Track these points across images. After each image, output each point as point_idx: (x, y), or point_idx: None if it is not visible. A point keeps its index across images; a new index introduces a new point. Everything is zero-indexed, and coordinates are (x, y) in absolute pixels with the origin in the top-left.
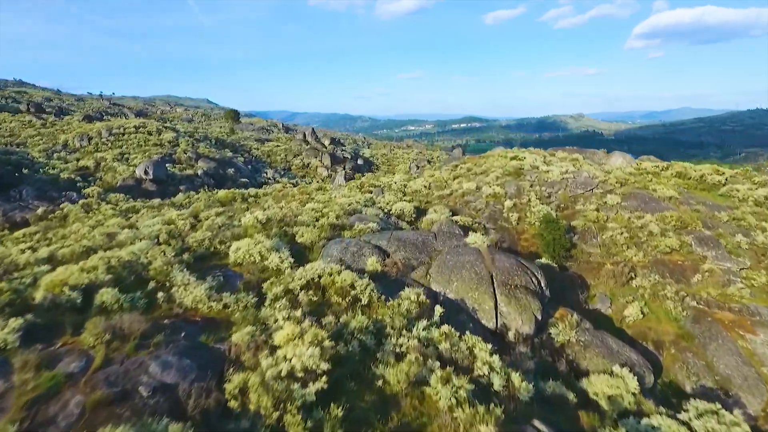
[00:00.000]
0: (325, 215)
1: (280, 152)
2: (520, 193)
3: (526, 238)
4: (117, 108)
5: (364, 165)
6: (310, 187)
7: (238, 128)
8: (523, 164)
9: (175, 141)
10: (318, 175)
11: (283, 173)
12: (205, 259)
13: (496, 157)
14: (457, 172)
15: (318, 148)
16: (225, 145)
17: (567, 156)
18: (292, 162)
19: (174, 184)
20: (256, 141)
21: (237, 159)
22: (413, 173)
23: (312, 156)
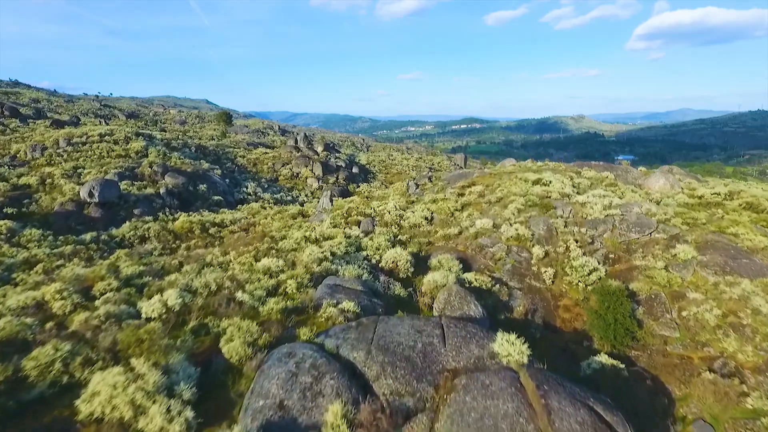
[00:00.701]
0: (284, 284)
1: (268, 160)
2: (553, 236)
3: (567, 305)
4: (108, 110)
5: (359, 174)
6: (289, 211)
7: (233, 130)
8: (549, 191)
9: (144, 151)
10: (307, 186)
11: (268, 186)
12: (38, 413)
13: (514, 179)
14: (466, 198)
15: (309, 155)
16: (206, 154)
17: (596, 175)
18: (280, 172)
19: (127, 207)
20: (248, 145)
21: (214, 171)
22: (412, 193)
23: (302, 165)
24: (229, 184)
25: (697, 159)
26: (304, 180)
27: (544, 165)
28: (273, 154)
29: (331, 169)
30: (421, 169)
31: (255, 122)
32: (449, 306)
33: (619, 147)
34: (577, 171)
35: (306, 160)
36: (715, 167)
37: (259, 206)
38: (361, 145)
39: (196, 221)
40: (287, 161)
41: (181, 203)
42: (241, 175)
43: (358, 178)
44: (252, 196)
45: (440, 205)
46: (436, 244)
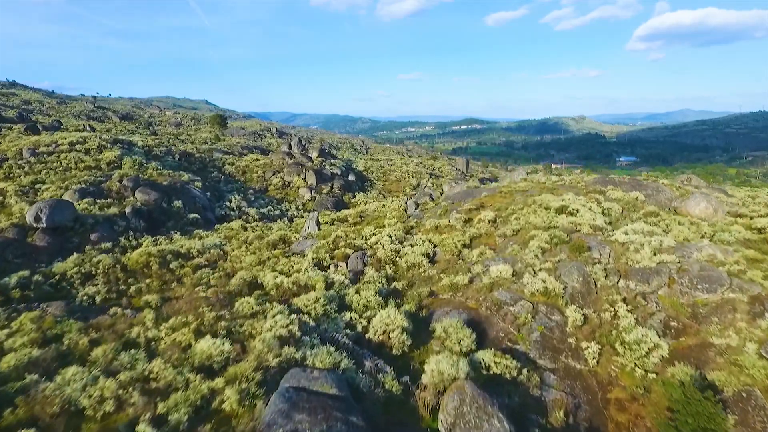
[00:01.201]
0: (221, 393)
1: (258, 168)
2: (591, 291)
3: (620, 399)
4: (101, 111)
5: (355, 182)
6: (270, 237)
7: (229, 132)
8: (578, 222)
9: (118, 162)
10: (299, 197)
11: (256, 198)
12: None
13: (531, 203)
14: (475, 227)
15: (303, 162)
16: (191, 162)
17: (624, 197)
18: (270, 181)
19: (82, 232)
20: (242, 149)
21: (194, 183)
22: (411, 214)
23: (294, 173)
24: (210, 198)
25: (699, 160)
26: (295, 190)
27: (560, 179)
28: (264, 161)
29: (326, 177)
30: (421, 176)
31: (252, 124)
32: (462, 422)
33: (621, 148)
34: (600, 191)
35: (298, 168)
36: (718, 169)
37: (239, 225)
38: (360, 147)
39: (155, 253)
40: (279, 169)
41: (150, 224)
42: (228, 185)
43: (355, 186)
44: (235, 212)
45: (444, 238)
46: (440, 296)
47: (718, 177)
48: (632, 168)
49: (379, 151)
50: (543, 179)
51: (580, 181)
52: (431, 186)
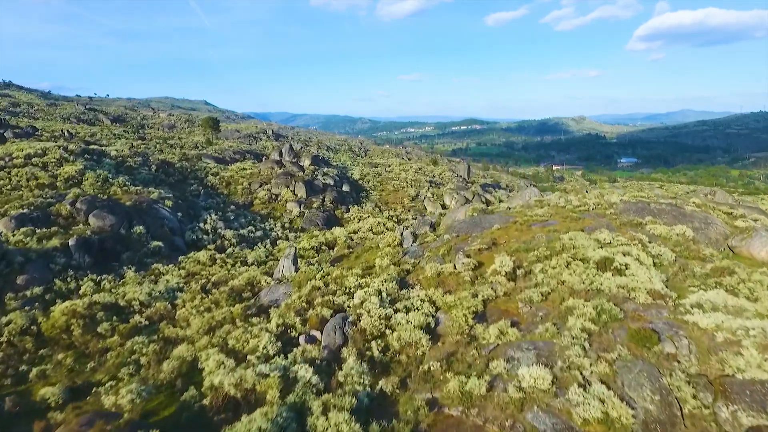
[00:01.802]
0: None
1: (243, 179)
2: (676, 421)
3: None
4: (92, 114)
5: (350, 193)
6: (235, 281)
7: (223, 135)
8: (631, 286)
9: (79, 177)
10: (287, 212)
11: (237, 215)
12: None
13: (558, 245)
14: (489, 282)
15: (293, 172)
16: (169, 173)
17: (671, 235)
18: (256, 194)
19: (9, 273)
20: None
21: (164, 202)
22: (407, 249)
23: (283, 185)
24: (182, 219)
25: (700, 162)
26: (283, 204)
27: (581, 203)
28: (251, 171)
29: (317, 189)
30: (420, 185)
31: (248, 126)
32: None
33: (621, 149)
34: (638, 223)
35: (288, 179)
36: (721, 171)
37: (208, 257)
38: (358, 149)
39: (83, 310)
40: (266, 180)
41: (100, 258)
42: (208, 200)
43: (349, 198)
44: (210, 235)
45: (450, 303)
46: (446, 411)
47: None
48: (633, 169)
49: (378, 153)
50: (561, 202)
51: (606, 206)
52: (431, 196)
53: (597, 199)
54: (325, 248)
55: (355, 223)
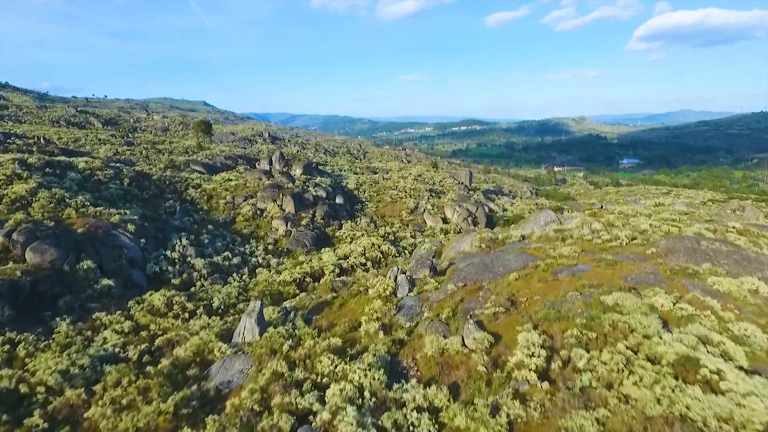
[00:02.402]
0: None
1: (227, 192)
2: None
3: None
4: (83, 116)
5: (344, 205)
6: (183, 348)
7: (217, 138)
8: (739, 417)
9: (29, 198)
10: (272, 231)
11: (214, 237)
12: None
13: (609, 326)
14: (515, 380)
15: (282, 183)
16: (144, 187)
17: (740, 292)
18: (239, 209)
19: None
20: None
21: (126, 226)
22: (402, 302)
23: (269, 198)
24: (146, 246)
25: (703, 163)
26: (269, 221)
27: (611, 236)
28: (236, 183)
29: (307, 203)
30: (420, 194)
31: (244, 128)
32: None
33: (623, 150)
34: (693, 272)
35: (275, 192)
36: (724, 172)
37: (164, 301)
38: (357, 151)
39: None
40: (252, 193)
41: (29, 307)
42: (183, 219)
43: (342, 211)
44: (177, 266)
45: (460, 425)
46: None
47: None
48: (635, 171)
49: (377, 155)
50: (586, 233)
51: (642, 241)
52: (431, 208)
53: (629, 230)
54: (309, 280)
55: (347, 243)
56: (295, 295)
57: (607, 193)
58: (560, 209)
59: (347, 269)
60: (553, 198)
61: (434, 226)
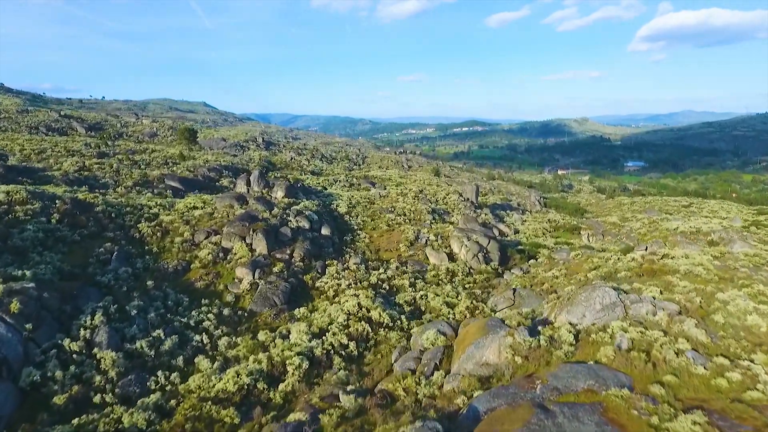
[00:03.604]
0: None
1: (188, 225)
2: None
3: None
4: (66, 121)
5: (330, 237)
6: None
7: (207, 144)
8: None
9: None
10: (234, 283)
11: (151, 300)
12: None
13: None
14: None
15: (257, 212)
16: (78, 224)
17: None
18: (198, 249)
19: None
20: (208, 171)
21: (6, 305)
22: None
23: (237, 235)
24: (36, 333)
25: (710, 165)
26: (232, 268)
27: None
28: (201, 212)
29: (284, 239)
30: (421, 217)
31: (238, 133)
32: None
33: (627, 152)
34: None
35: (246, 226)
36: (732, 176)
37: None
38: (356, 156)
39: None
40: (218, 226)
41: None
42: (119, 270)
43: (328, 246)
44: (76, 363)
45: None
46: None
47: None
48: (641, 174)
49: (377, 160)
50: (659, 319)
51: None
52: (434, 239)
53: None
54: (262, 387)
55: (329, 301)
56: (232, 429)
57: (621, 204)
58: (557, 206)
59: (320, 359)
60: (563, 210)
61: (438, 265)
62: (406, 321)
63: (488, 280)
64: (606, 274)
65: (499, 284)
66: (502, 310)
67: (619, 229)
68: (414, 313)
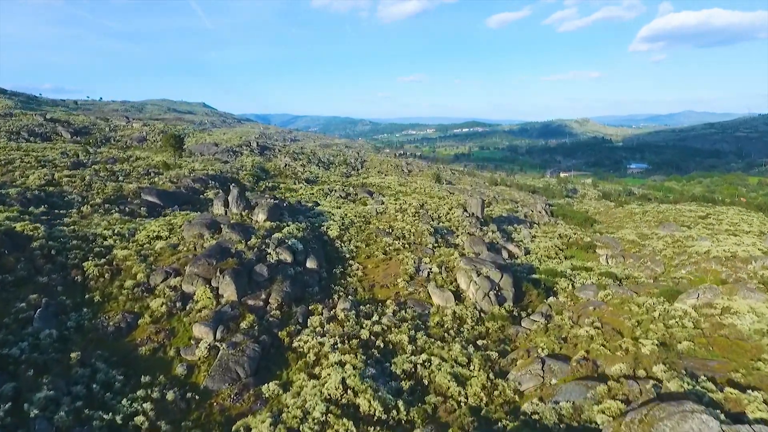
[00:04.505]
0: None
1: (145, 262)
2: None
3: None
4: (51, 125)
5: (317, 271)
6: None
7: (197, 150)
8: None
9: None
10: (188, 348)
11: (72, 381)
12: None
13: None
14: None
15: (231, 243)
16: (1, 269)
17: None
18: (152, 297)
19: None
20: (193, 182)
21: None
22: None
23: (201, 277)
24: None
25: (713, 167)
26: (191, 322)
27: None
28: (164, 245)
29: (259, 279)
30: (422, 239)
31: (232, 137)
32: None
33: (629, 153)
34: None
35: (211, 266)
36: (738, 178)
37: None
38: (355, 160)
39: None
40: (181, 264)
41: None
42: (40, 335)
43: (313, 285)
44: None
45: None
46: None
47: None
48: (644, 176)
49: (376, 163)
50: None
51: None
52: (438, 272)
53: None
54: None
55: (307, 373)
56: None
57: (632, 213)
58: (562, 214)
59: None
60: (572, 219)
61: (444, 307)
62: (404, 409)
63: (503, 329)
64: (660, 342)
65: (518, 336)
66: (528, 389)
67: (639, 249)
68: (414, 391)
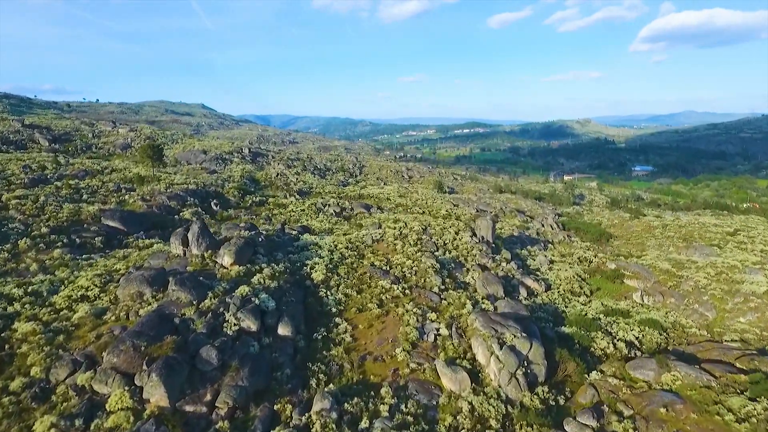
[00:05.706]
0: None
1: (52, 344)
2: None
3: None
4: (28, 132)
5: (292, 338)
6: None
7: (183, 158)
8: None
9: None
10: None
11: None
12: None
13: None
14: None
15: (177, 306)
16: None
17: None
18: (48, 402)
19: None
20: (168, 200)
21: None
22: None
23: (120, 371)
24: None
25: (720, 170)
26: None
27: None
28: (86, 311)
29: (207, 367)
30: (426, 279)
31: (224, 143)
32: None
33: (633, 155)
34: None
35: (138, 353)
36: (746, 182)
37: None
38: (353, 166)
39: None
40: (100, 347)
41: None
42: None
43: (282, 366)
44: None
45: None
46: None
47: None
48: (650, 179)
49: (375, 169)
50: None
51: None
52: (446, 336)
53: None
54: None
55: None
56: None
57: (650, 227)
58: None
59: None
60: (585, 234)
61: (457, 395)
62: None
63: None
64: None
65: None
66: None
67: (677, 283)
68: None
